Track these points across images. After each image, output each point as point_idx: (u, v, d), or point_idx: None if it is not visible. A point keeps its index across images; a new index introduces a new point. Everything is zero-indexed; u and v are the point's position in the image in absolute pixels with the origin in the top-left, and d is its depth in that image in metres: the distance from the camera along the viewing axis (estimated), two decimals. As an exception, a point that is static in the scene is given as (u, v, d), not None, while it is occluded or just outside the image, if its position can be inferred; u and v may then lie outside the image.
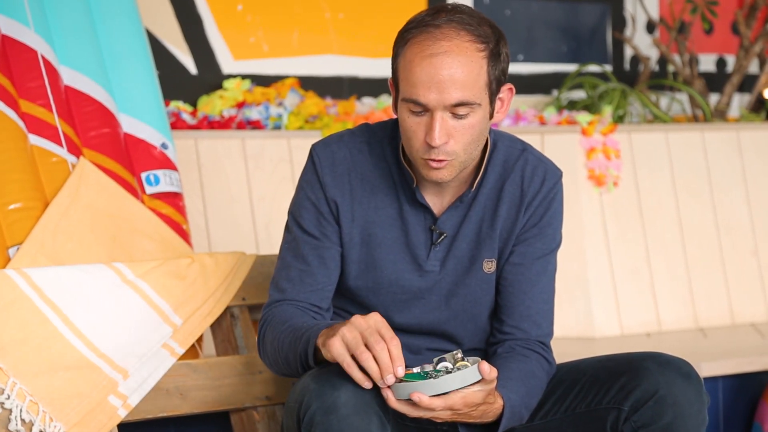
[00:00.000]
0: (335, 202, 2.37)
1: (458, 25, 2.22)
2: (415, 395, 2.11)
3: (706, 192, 4.16)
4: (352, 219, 2.38)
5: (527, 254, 2.41)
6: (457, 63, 2.20)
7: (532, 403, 2.34)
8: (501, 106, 2.32)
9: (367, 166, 2.39)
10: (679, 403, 2.25)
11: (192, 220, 3.48)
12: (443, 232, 2.38)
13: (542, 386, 2.37)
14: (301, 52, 4.10)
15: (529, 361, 2.37)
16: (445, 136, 2.23)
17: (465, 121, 2.23)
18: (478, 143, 2.29)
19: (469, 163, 2.32)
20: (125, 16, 3.06)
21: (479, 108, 2.24)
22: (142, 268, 2.64)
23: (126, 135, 2.99)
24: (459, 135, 2.24)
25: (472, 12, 2.27)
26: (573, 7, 4.63)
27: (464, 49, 2.21)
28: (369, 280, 2.39)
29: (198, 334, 2.68)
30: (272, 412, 2.73)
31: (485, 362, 2.15)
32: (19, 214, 2.70)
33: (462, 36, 2.22)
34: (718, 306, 4.11)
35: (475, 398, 2.17)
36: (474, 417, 2.21)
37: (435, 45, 2.20)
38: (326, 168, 2.38)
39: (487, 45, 2.24)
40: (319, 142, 2.41)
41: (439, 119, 2.22)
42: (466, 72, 2.21)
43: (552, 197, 2.43)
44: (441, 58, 2.20)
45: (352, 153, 2.39)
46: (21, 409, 2.42)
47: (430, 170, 2.27)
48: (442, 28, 2.22)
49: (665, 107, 4.66)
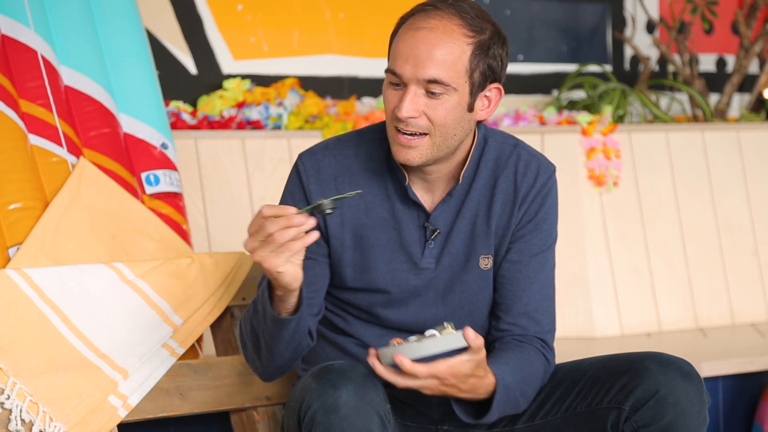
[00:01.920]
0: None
1: (455, 10, 2.27)
2: (398, 357, 2.12)
3: (706, 192, 4.16)
4: (342, 223, 2.38)
5: (524, 251, 2.41)
6: (438, 40, 2.24)
7: (528, 391, 2.33)
8: (487, 105, 2.33)
9: (354, 169, 2.39)
10: (680, 402, 2.25)
11: (192, 220, 3.48)
12: (436, 229, 2.38)
13: (539, 376, 2.36)
14: (301, 52, 4.10)
15: (525, 350, 2.37)
16: (414, 110, 2.25)
17: (438, 101, 2.25)
18: (454, 131, 2.30)
19: (444, 151, 2.32)
20: (125, 16, 3.06)
21: (455, 93, 2.26)
22: (142, 268, 2.64)
23: (126, 135, 2.99)
24: (431, 113, 2.26)
25: (477, 7, 2.30)
26: (573, 7, 4.63)
27: (450, 30, 2.25)
28: (365, 282, 2.39)
29: (198, 334, 2.68)
30: (272, 412, 2.73)
31: (470, 329, 2.15)
32: (19, 214, 2.70)
33: (453, 19, 2.26)
34: (718, 306, 4.11)
35: (463, 368, 2.16)
36: (464, 390, 2.20)
37: (423, 21, 2.26)
38: (311, 176, 2.38)
39: (476, 35, 2.26)
40: (305, 151, 2.43)
41: (411, 92, 2.25)
42: (445, 52, 2.24)
43: (546, 192, 2.43)
44: (424, 33, 2.24)
45: (337, 159, 2.40)
46: (21, 409, 2.42)
47: (400, 148, 2.28)
48: (439, 10, 2.27)
49: (665, 107, 4.66)
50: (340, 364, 2.18)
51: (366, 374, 2.17)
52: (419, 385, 2.16)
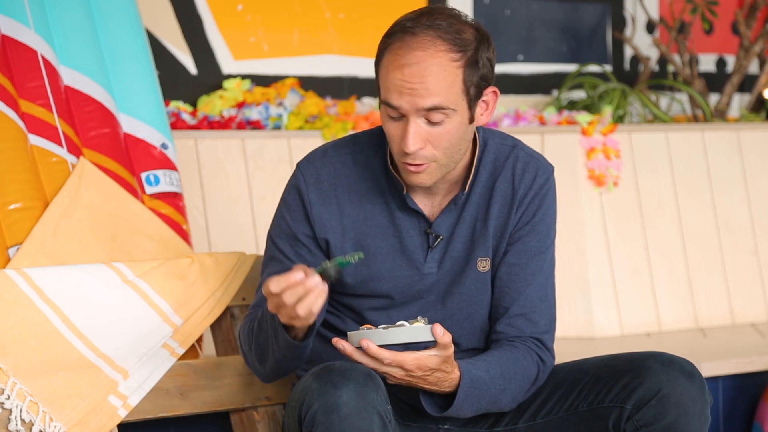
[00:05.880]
0: (321, 219, 2.37)
1: (435, 33, 2.23)
2: (364, 342, 2.15)
3: (706, 192, 4.16)
4: (343, 233, 2.38)
5: (522, 253, 2.40)
6: (428, 73, 2.21)
7: (511, 388, 2.33)
8: (485, 109, 2.32)
9: (353, 178, 2.39)
10: (682, 402, 2.25)
11: (192, 220, 3.48)
12: (439, 235, 2.38)
13: (527, 375, 2.36)
14: (301, 52, 4.10)
15: (514, 350, 2.37)
16: (420, 141, 2.24)
17: (441, 127, 2.24)
18: (459, 147, 2.29)
19: (452, 167, 2.32)
20: (125, 16, 3.06)
21: (455, 114, 2.25)
22: (142, 268, 2.64)
23: (126, 135, 2.99)
24: (435, 140, 2.25)
25: (456, 16, 2.27)
26: (573, 7, 4.63)
27: (438, 58, 2.22)
28: (367, 289, 2.40)
29: (198, 334, 2.68)
30: (272, 412, 2.73)
31: (439, 325, 2.17)
32: (19, 214, 2.70)
33: (437, 45, 2.22)
34: (718, 306, 4.11)
35: (429, 362, 2.19)
36: (429, 383, 2.23)
37: (408, 55, 2.22)
38: (311, 186, 2.38)
39: (464, 53, 2.23)
40: (303, 159, 2.42)
41: (413, 125, 2.23)
42: (438, 80, 2.22)
43: (544, 193, 2.42)
44: (413, 69, 2.21)
45: (336, 167, 2.39)
46: (21, 409, 2.42)
47: (410, 174, 2.29)
48: (418, 37, 2.22)
49: (665, 107, 4.66)
50: (340, 364, 2.18)
51: (367, 374, 2.17)
52: (385, 371, 2.19)
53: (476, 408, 2.30)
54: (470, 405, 2.28)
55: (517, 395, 2.35)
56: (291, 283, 2.13)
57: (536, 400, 2.40)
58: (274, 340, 2.28)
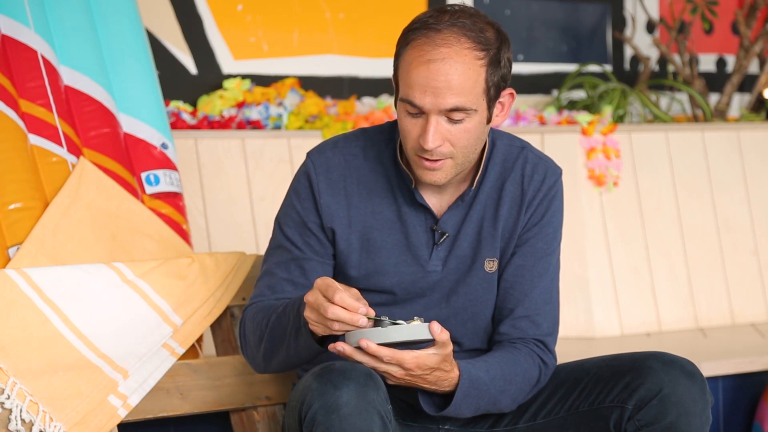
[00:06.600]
0: (329, 208, 2.37)
1: (459, 30, 2.22)
2: (363, 341, 2.14)
3: (706, 192, 4.16)
4: (349, 224, 2.38)
5: (529, 255, 2.41)
6: (453, 70, 2.21)
7: (511, 389, 2.33)
8: (501, 110, 2.33)
9: (362, 171, 2.39)
10: (683, 402, 2.25)
11: (192, 220, 3.48)
12: (445, 232, 2.38)
13: (528, 377, 2.36)
14: (301, 52, 4.10)
15: (515, 351, 2.37)
16: (439, 139, 2.24)
17: (460, 126, 2.24)
18: (475, 147, 2.30)
19: (466, 167, 2.33)
20: (125, 16, 3.06)
21: (475, 113, 2.25)
22: (142, 268, 2.64)
23: (126, 135, 2.99)
24: (454, 139, 2.25)
25: (477, 15, 2.27)
26: (573, 7, 4.63)
27: (463, 56, 2.21)
28: (371, 283, 2.39)
29: (198, 334, 2.68)
30: (272, 412, 2.73)
31: (436, 322, 2.17)
32: (19, 214, 2.70)
33: (462, 42, 2.22)
34: (718, 306, 4.11)
35: (429, 361, 2.19)
36: (429, 382, 2.23)
37: (434, 51, 2.21)
38: (321, 174, 2.38)
39: (487, 52, 2.24)
40: (313, 149, 2.42)
41: (433, 123, 2.23)
42: (463, 79, 2.21)
43: (553, 195, 2.43)
44: (438, 65, 2.20)
45: (346, 159, 2.39)
46: (21, 409, 2.42)
47: (425, 171, 2.28)
48: (443, 33, 2.22)
49: (665, 107, 4.66)
50: (341, 364, 2.18)
51: (367, 374, 2.17)
52: (384, 370, 2.18)
53: (475, 408, 2.30)
54: (469, 405, 2.28)
55: (517, 397, 2.35)
56: (346, 320, 2.14)
57: (537, 400, 2.40)
58: (292, 339, 2.27)
